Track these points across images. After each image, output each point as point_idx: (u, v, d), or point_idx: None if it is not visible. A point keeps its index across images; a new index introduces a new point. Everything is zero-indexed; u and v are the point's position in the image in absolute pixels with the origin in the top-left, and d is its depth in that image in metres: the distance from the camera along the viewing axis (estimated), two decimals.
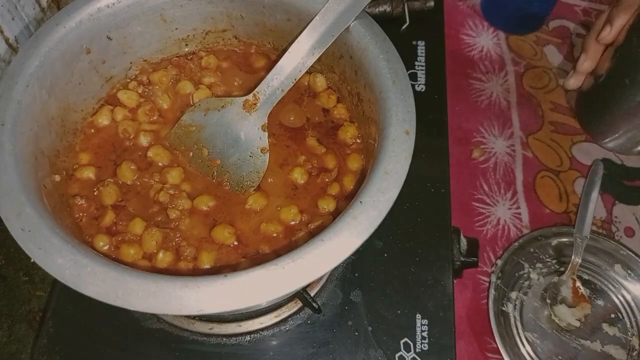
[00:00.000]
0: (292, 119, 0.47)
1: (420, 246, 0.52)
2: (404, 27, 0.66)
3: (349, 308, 0.49)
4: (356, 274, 0.51)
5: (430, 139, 0.58)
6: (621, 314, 0.55)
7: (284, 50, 0.44)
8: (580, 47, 0.62)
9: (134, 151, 0.45)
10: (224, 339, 0.47)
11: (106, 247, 0.39)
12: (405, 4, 0.66)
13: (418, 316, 0.49)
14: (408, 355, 0.47)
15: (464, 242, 0.53)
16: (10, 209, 0.33)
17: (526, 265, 0.58)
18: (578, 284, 0.56)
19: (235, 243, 0.41)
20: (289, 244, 0.40)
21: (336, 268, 0.43)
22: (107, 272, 0.31)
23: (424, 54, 0.66)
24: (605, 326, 0.54)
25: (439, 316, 0.49)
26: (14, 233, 0.32)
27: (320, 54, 0.42)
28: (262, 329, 0.48)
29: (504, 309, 0.55)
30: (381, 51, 0.41)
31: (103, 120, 0.46)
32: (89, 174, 0.43)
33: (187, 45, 0.50)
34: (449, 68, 0.66)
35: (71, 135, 0.44)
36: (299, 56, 0.43)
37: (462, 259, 0.52)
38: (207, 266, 0.39)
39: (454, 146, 0.65)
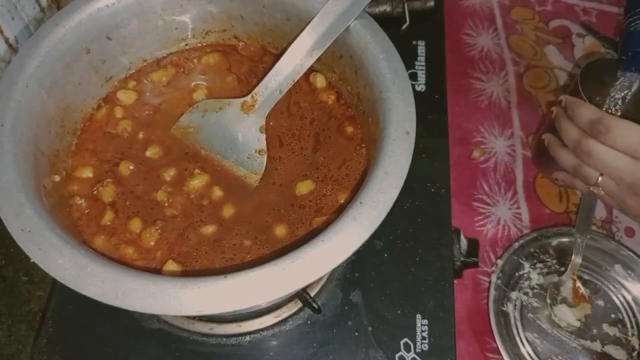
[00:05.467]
0: None
1: (420, 246, 0.52)
2: (404, 27, 0.65)
3: (349, 308, 0.49)
4: (356, 274, 0.51)
5: (430, 139, 0.58)
6: (621, 314, 0.55)
7: (283, 51, 0.44)
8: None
9: (132, 150, 0.45)
10: (224, 339, 0.47)
11: (105, 247, 0.39)
12: (405, 4, 0.66)
13: (418, 316, 0.49)
14: (408, 355, 0.47)
15: (464, 242, 0.53)
16: (9, 209, 0.33)
17: (526, 265, 0.58)
18: (578, 284, 0.55)
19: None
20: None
21: (336, 268, 0.43)
22: (107, 273, 0.31)
23: (424, 54, 0.66)
24: (605, 326, 0.54)
25: (439, 316, 0.49)
26: (14, 233, 0.32)
27: (319, 55, 0.42)
28: (262, 329, 0.48)
29: (504, 309, 0.55)
30: (381, 51, 0.41)
31: (102, 120, 0.46)
32: (88, 173, 0.43)
33: (186, 44, 0.50)
34: (449, 68, 0.66)
35: (70, 135, 0.44)
36: (297, 58, 0.43)
37: (462, 259, 0.52)
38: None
39: (454, 146, 0.65)
